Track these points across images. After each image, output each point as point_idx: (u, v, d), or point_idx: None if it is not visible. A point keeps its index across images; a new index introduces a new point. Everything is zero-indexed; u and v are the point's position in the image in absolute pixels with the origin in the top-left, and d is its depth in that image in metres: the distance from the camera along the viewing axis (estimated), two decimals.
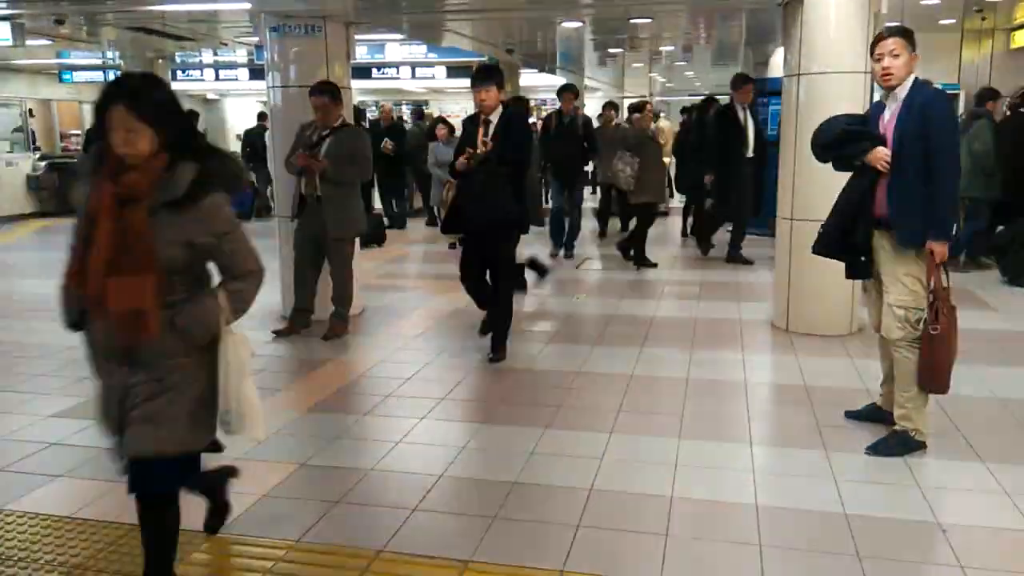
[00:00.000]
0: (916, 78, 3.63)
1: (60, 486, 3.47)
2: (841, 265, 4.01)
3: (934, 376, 3.61)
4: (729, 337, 5.83)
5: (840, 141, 3.79)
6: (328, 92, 5.56)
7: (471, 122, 5.24)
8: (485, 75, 5.10)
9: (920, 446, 3.70)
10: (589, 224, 10.89)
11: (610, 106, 10.99)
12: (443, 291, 7.52)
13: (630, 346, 5.59)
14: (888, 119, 3.67)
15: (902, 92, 3.62)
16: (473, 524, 3.09)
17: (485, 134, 5.07)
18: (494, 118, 5.07)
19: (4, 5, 7.36)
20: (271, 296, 7.11)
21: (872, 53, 3.72)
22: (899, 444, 3.70)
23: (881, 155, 3.62)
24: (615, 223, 10.78)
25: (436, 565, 2.80)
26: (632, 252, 8.58)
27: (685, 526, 3.05)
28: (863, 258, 3.85)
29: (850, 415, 4.16)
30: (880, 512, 3.15)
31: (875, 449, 3.71)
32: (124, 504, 3.22)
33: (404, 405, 4.49)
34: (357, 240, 6.07)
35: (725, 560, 2.84)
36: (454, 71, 14.67)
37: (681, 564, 2.81)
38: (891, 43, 3.60)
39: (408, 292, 7.61)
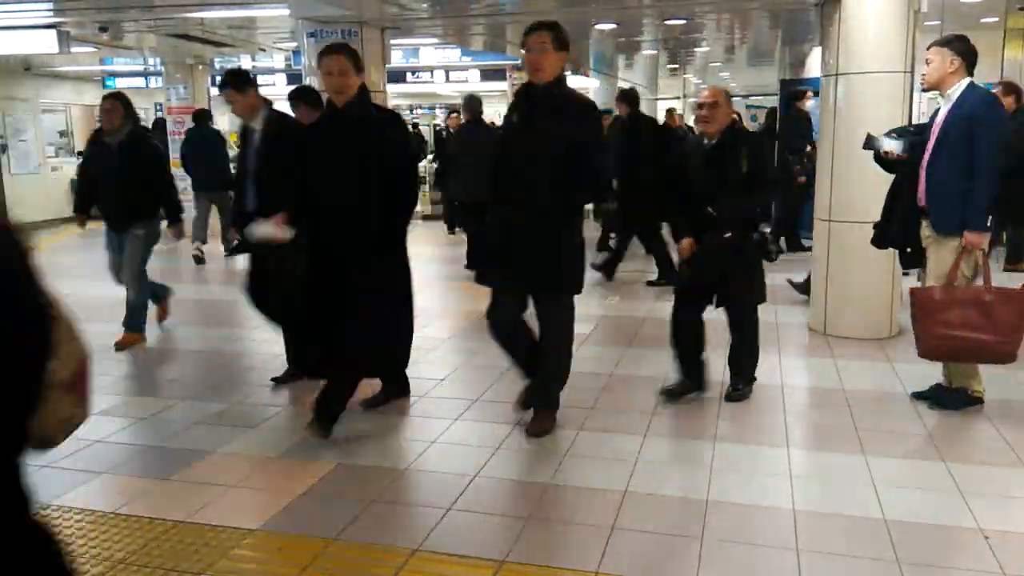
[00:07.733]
0: (971, 82, 3.91)
1: (103, 482, 3.54)
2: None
3: (916, 335, 3.95)
4: (766, 340, 5.74)
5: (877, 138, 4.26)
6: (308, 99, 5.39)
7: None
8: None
9: (976, 401, 4.03)
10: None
11: None
12: (471, 295, 7.54)
13: (664, 348, 5.54)
14: (940, 118, 3.99)
15: (955, 94, 3.90)
16: (508, 524, 3.10)
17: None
18: None
19: (51, 13, 7.57)
20: None
21: None
22: (955, 399, 4.01)
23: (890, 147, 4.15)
24: None
25: (471, 564, 2.81)
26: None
27: (721, 529, 3.03)
28: (908, 249, 4.18)
29: (916, 396, 4.35)
30: (920, 518, 3.10)
31: (936, 402, 4.02)
32: (165, 501, 3.31)
33: (438, 406, 4.51)
34: None
35: (761, 564, 2.81)
36: (488, 74, 14.75)
37: (717, 567, 2.78)
38: (929, 51, 3.97)
39: (437, 295, 7.64)
